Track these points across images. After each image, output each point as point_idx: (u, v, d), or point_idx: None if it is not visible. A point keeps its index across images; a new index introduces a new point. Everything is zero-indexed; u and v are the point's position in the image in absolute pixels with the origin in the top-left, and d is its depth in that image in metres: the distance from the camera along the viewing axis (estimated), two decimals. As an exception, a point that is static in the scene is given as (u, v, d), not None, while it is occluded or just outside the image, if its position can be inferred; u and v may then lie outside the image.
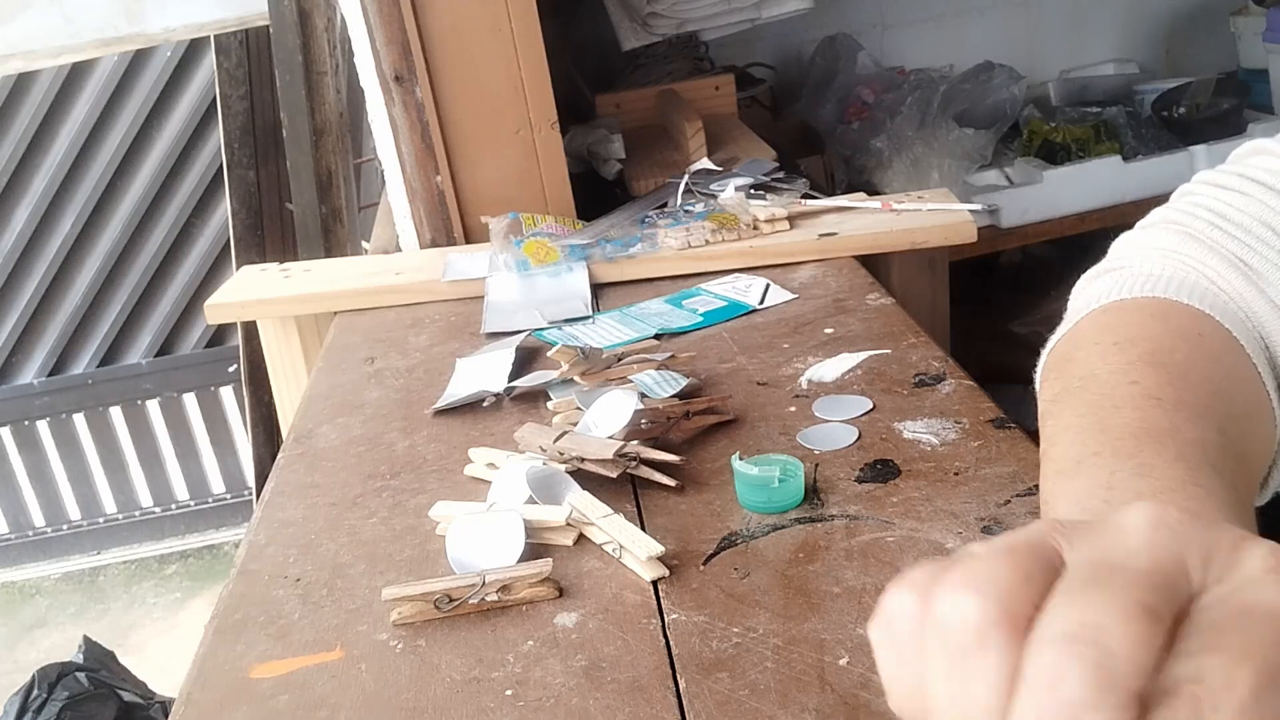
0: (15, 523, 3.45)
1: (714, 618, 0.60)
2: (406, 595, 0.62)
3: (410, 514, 0.75)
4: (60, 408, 3.36)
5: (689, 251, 1.15)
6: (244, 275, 1.29)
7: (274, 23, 1.79)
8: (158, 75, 3.12)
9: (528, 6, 1.24)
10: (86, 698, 1.93)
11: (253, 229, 2.08)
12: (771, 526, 0.67)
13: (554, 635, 0.60)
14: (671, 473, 0.73)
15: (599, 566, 0.66)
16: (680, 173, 1.32)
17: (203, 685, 0.61)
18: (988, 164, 2.15)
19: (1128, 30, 2.54)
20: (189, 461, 3.44)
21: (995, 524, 0.64)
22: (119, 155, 3.18)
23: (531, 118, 1.28)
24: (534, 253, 1.17)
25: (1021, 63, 2.31)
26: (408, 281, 1.19)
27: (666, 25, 1.81)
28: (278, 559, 0.72)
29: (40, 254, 3.24)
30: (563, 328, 1.04)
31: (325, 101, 1.82)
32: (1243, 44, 2.34)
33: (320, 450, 0.87)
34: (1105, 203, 2.10)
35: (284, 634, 0.64)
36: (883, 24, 2.47)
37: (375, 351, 1.06)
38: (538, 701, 0.55)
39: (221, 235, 3.17)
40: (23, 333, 3.31)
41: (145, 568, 3.42)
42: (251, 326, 1.62)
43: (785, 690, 0.53)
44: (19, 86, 3.10)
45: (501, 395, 0.90)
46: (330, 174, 1.85)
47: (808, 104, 2.34)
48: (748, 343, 0.96)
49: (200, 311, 2.47)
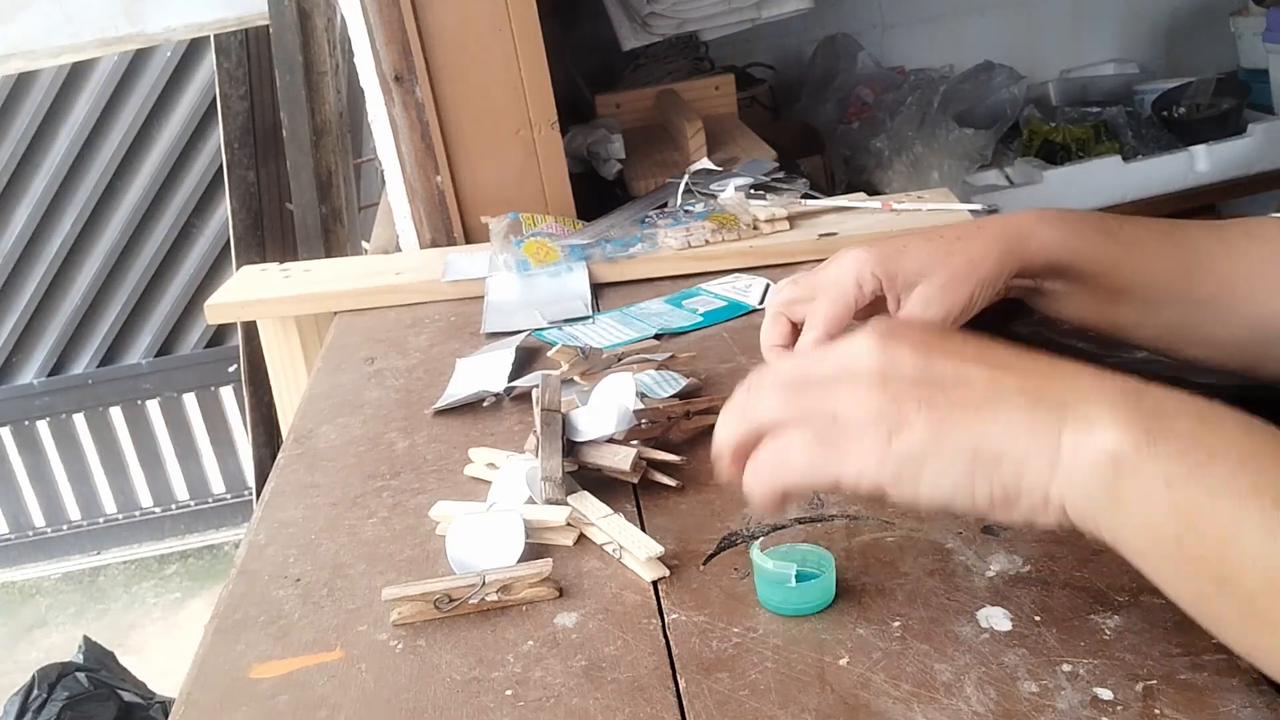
0: (15, 523, 3.45)
1: (714, 618, 0.60)
2: (406, 595, 0.62)
3: (410, 514, 0.75)
4: (60, 408, 3.36)
5: (689, 251, 1.15)
6: (244, 275, 1.29)
7: (274, 23, 1.79)
8: (158, 75, 3.12)
9: (528, 6, 1.24)
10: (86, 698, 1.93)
11: (253, 229, 2.08)
12: (771, 527, 0.67)
13: (554, 635, 0.60)
14: (672, 473, 0.73)
15: (599, 566, 0.66)
16: (680, 173, 1.32)
17: (203, 685, 0.61)
18: (988, 164, 2.15)
19: (1128, 30, 2.54)
20: (189, 461, 3.44)
21: (995, 524, 0.64)
22: (119, 155, 3.18)
23: (531, 118, 1.28)
24: (534, 253, 1.17)
25: (1021, 63, 2.31)
26: (408, 281, 1.19)
27: (666, 25, 1.81)
28: (278, 559, 0.72)
29: (40, 254, 3.24)
30: (563, 328, 1.04)
31: (325, 101, 1.82)
32: (1243, 44, 2.34)
33: (320, 450, 0.87)
34: (1105, 203, 2.10)
35: (284, 634, 0.64)
36: (883, 24, 2.47)
37: (375, 351, 1.06)
38: (538, 701, 0.55)
39: (221, 235, 3.17)
40: (23, 333, 3.31)
41: (145, 568, 3.42)
42: (251, 326, 1.62)
43: (785, 690, 0.53)
44: (19, 86, 3.10)
45: (501, 395, 0.90)
46: (330, 174, 1.85)
47: (808, 104, 2.34)
48: (748, 343, 0.96)
49: (200, 311, 2.46)
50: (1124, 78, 2.41)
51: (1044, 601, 0.57)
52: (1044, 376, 0.49)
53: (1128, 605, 0.56)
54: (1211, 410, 0.46)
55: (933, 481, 0.48)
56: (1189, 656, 0.52)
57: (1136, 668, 0.52)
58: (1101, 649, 0.53)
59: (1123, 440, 0.45)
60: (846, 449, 0.49)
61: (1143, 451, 0.45)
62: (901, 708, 0.51)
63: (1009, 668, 0.53)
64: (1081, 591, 0.57)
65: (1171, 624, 0.54)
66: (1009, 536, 0.63)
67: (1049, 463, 0.46)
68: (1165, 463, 0.45)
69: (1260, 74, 2.25)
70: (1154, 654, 0.53)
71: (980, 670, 0.53)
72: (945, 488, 0.48)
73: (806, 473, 0.51)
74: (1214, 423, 0.46)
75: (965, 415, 0.48)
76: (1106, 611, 0.56)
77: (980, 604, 0.57)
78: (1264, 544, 0.42)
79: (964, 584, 0.59)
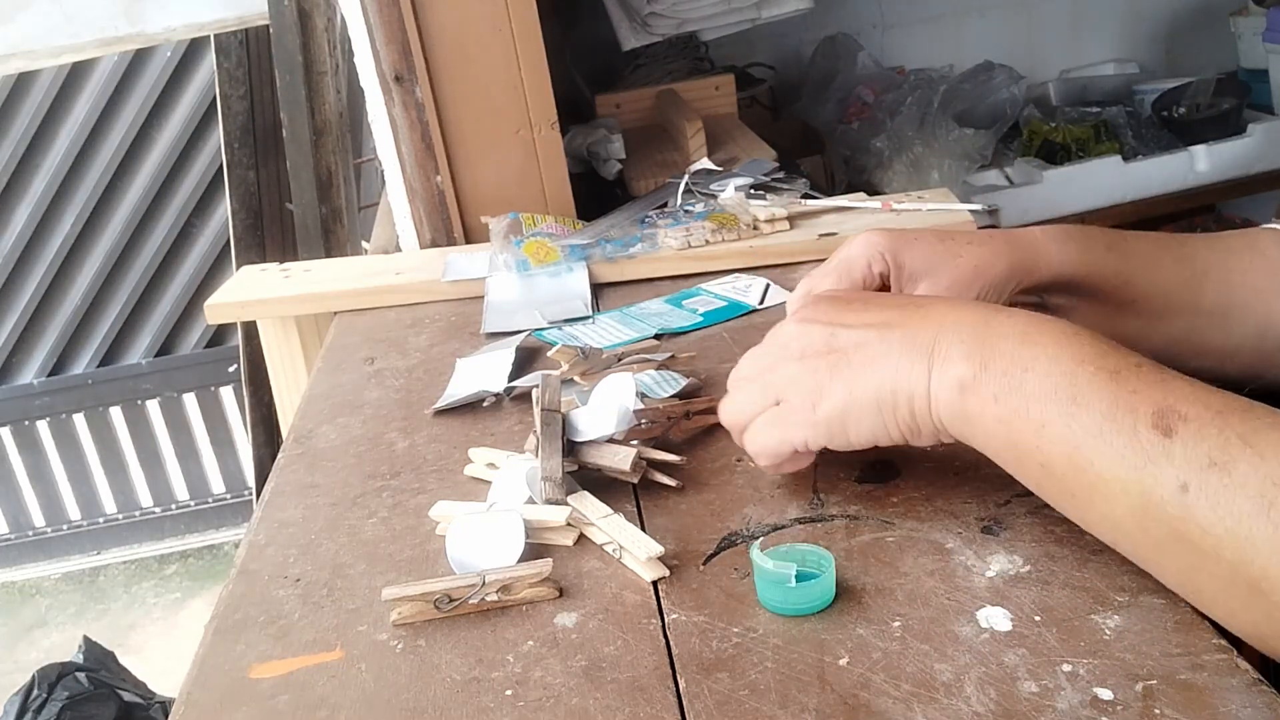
0: (15, 523, 3.45)
1: (714, 618, 0.60)
2: (406, 595, 0.62)
3: (410, 514, 0.75)
4: (60, 408, 3.36)
5: (689, 251, 1.15)
6: (244, 275, 1.29)
7: (274, 23, 1.79)
8: (158, 75, 3.13)
9: (528, 6, 1.24)
10: (86, 698, 1.93)
11: (253, 229, 2.08)
12: (771, 527, 0.67)
13: (554, 635, 0.60)
14: (672, 473, 0.73)
15: (599, 566, 0.66)
16: (680, 173, 1.32)
17: (203, 685, 0.61)
18: (988, 164, 2.15)
19: (1128, 30, 2.54)
20: (189, 461, 3.44)
21: (995, 524, 0.64)
22: (119, 155, 3.18)
23: (531, 118, 1.28)
24: (534, 253, 1.17)
25: (1021, 63, 2.31)
26: (408, 281, 1.19)
27: (666, 25, 1.81)
28: (278, 559, 0.72)
29: (40, 254, 3.25)
30: (563, 328, 1.04)
31: (325, 101, 1.82)
32: (1243, 44, 2.34)
33: (320, 450, 0.87)
34: (1105, 203, 2.10)
35: (284, 634, 0.64)
36: (883, 24, 2.47)
37: (375, 351, 1.06)
38: (538, 701, 0.55)
39: (221, 235, 3.18)
40: (23, 333, 3.31)
41: (145, 568, 3.42)
42: (251, 326, 1.62)
43: (785, 690, 0.53)
44: (19, 86, 3.10)
45: (501, 395, 0.90)
46: (330, 174, 1.85)
47: (808, 104, 2.34)
48: (748, 343, 0.95)
49: (200, 311, 2.47)
50: (1124, 78, 2.41)
51: (1044, 601, 0.57)
52: (920, 321, 0.60)
53: (1128, 605, 0.56)
54: (1035, 326, 0.57)
55: (856, 430, 0.62)
56: (1189, 656, 0.52)
57: (1136, 668, 0.52)
58: (1101, 649, 0.53)
59: (965, 369, 0.57)
60: (790, 422, 0.63)
61: (978, 376, 0.57)
62: (901, 708, 0.51)
63: (1009, 668, 0.53)
64: (1081, 591, 0.57)
65: (1171, 624, 0.54)
66: (1009, 536, 0.63)
67: (926, 395, 0.59)
68: (993, 381, 0.56)
69: (1260, 74, 2.25)
70: (1154, 654, 0.53)
71: (980, 670, 0.53)
72: (867, 432, 0.62)
73: (776, 450, 0.65)
74: (1035, 337, 0.56)
75: (865, 372, 0.61)
76: (1106, 611, 0.56)
77: (980, 604, 0.57)
78: (1064, 432, 0.54)
79: (964, 584, 0.59)
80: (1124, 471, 0.52)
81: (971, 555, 0.62)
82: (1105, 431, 0.53)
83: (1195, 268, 0.72)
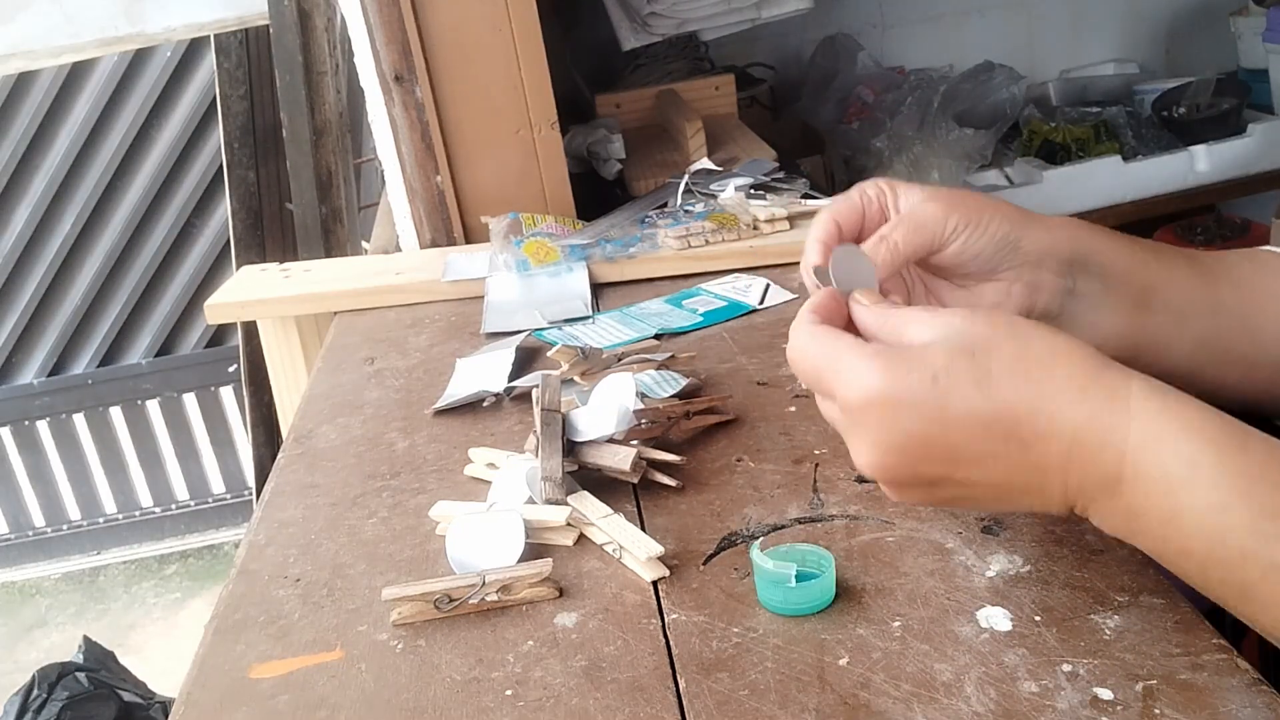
0: (15, 523, 3.45)
1: (714, 618, 0.60)
2: (406, 595, 0.62)
3: (410, 514, 0.75)
4: (60, 408, 3.36)
5: (689, 251, 1.15)
6: (244, 275, 1.29)
7: (274, 23, 1.79)
8: (158, 75, 3.12)
9: (528, 6, 1.24)
10: (86, 698, 1.93)
11: (253, 229, 2.08)
12: (771, 527, 0.67)
13: (554, 635, 0.60)
14: (672, 473, 0.73)
15: (599, 566, 0.66)
16: (680, 173, 1.32)
17: (203, 685, 0.61)
18: (988, 164, 2.15)
19: (1128, 30, 2.54)
20: (189, 461, 3.44)
21: (995, 524, 0.64)
22: (119, 155, 3.18)
23: (531, 118, 1.28)
24: (534, 253, 1.17)
25: (1021, 63, 2.31)
26: (408, 281, 1.19)
27: (666, 25, 1.81)
28: (278, 559, 0.72)
29: (40, 254, 3.24)
30: (563, 328, 1.04)
31: (325, 101, 1.82)
32: (1243, 44, 2.34)
33: (320, 450, 0.87)
34: (1105, 203, 2.10)
35: (284, 634, 0.64)
36: (883, 24, 2.47)
37: (375, 351, 1.06)
38: (538, 701, 0.55)
39: (221, 235, 3.17)
40: (23, 333, 3.31)
41: (145, 568, 3.42)
42: (251, 326, 1.62)
43: (785, 690, 0.53)
44: (19, 86, 3.10)
45: (501, 395, 0.90)
46: (330, 174, 1.85)
47: (808, 104, 2.34)
48: (748, 343, 0.96)
49: (200, 311, 2.46)
50: (1124, 78, 2.41)
51: (1044, 601, 0.57)
52: (1040, 476, 0.53)
53: (1128, 605, 0.56)
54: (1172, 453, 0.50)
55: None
56: (1189, 656, 0.52)
57: (1136, 668, 0.52)
58: (1101, 649, 0.53)
59: (1110, 518, 0.53)
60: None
61: (1131, 522, 0.52)
62: (901, 708, 0.51)
63: (1009, 668, 0.53)
64: (1081, 591, 0.57)
65: (1171, 624, 0.54)
66: (1009, 536, 0.63)
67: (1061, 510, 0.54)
68: (1142, 501, 0.51)
69: (1260, 74, 2.25)
70: (1154, 654, 0.53)
71: (980, 670, 0.53)
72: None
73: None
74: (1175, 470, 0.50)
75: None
76: (1106, 611, 0.56)
77: (980, 604, 0.57)
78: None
79: (964, 584, 0.59)
80: None
81: (971, 555, 0.62)
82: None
83: (1203, 264, 0.70)
